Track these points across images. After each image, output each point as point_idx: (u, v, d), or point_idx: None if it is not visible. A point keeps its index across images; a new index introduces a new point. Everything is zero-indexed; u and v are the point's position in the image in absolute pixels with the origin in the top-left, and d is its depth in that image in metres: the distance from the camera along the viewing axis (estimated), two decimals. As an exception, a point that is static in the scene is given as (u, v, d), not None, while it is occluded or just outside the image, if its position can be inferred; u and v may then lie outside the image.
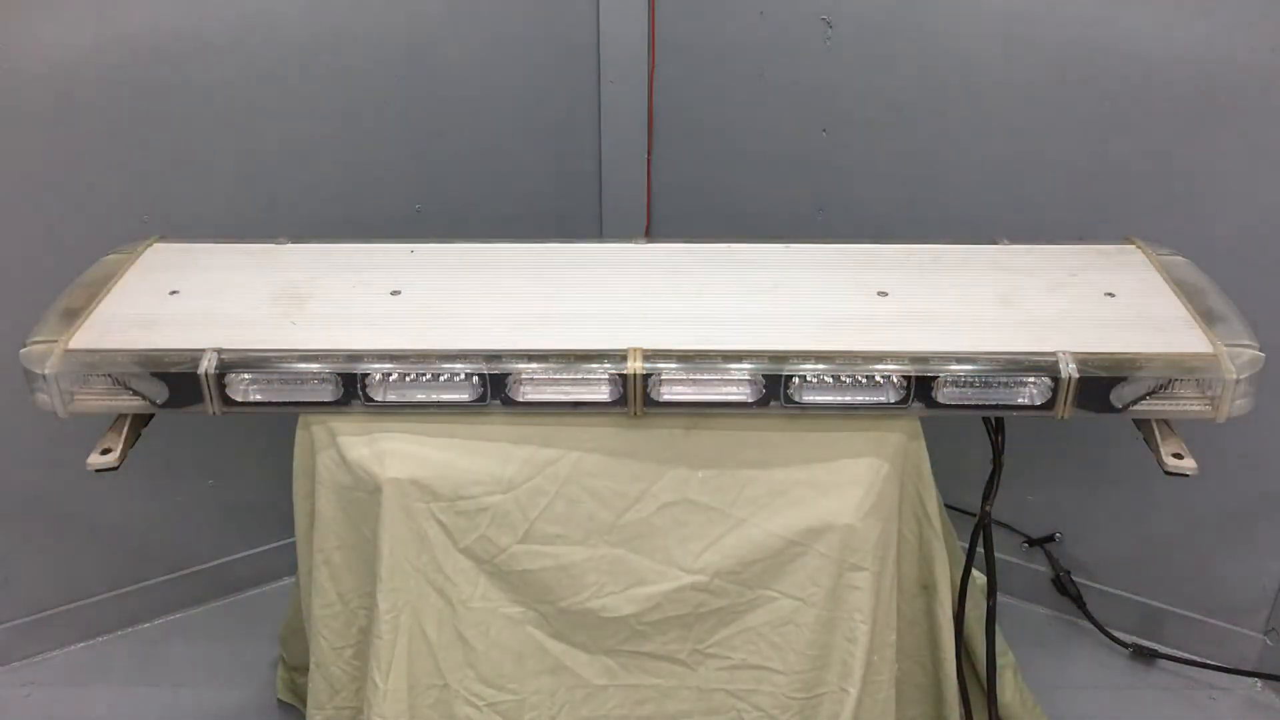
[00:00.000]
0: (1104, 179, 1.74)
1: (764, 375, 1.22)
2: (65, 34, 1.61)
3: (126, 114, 1.70)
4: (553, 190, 2.17)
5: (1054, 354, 1.22)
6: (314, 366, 1.24)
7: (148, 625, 2.05)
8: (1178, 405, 1.24)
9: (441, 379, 1.25)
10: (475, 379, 1.24)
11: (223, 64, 1.74)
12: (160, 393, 1.24)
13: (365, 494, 1.28)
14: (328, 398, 1.25)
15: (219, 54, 1.73)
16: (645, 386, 1.22)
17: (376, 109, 1.90)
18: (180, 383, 1.23)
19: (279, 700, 1.85)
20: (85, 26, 1.62)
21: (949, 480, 1.41)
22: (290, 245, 1.48)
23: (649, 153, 2.18)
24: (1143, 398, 1.22)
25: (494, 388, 1.24)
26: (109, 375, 1.24)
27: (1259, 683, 1.92)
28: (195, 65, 1.72)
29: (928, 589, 1.43)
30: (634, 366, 1.22)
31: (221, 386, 1.24)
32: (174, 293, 1.36)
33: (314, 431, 1.31)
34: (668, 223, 2.23)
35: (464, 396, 1.25)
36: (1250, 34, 1.55)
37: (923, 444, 1.33)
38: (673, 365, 1.23)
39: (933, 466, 1.35)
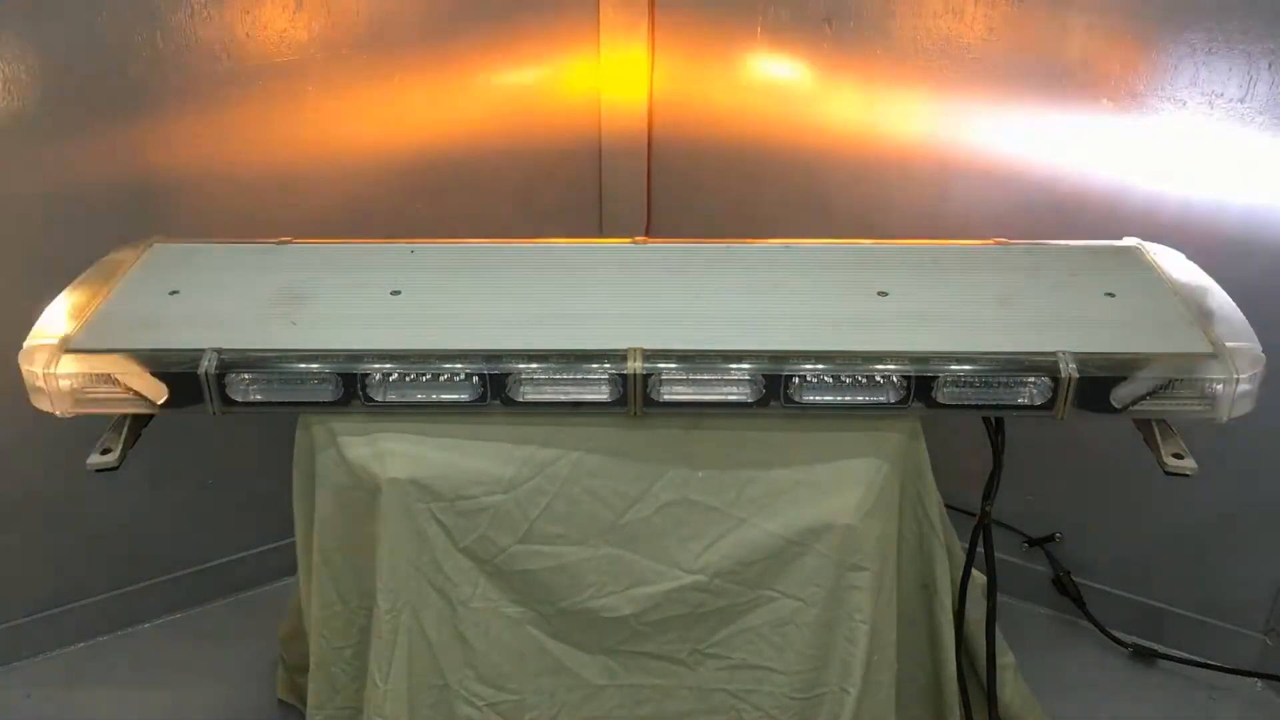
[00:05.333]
0: (1103, 179, 1.74)
1: (764, 375, 1.22)
2: (66, 32, 1.61)
3: (127, 113, 1.70)
4: (553, 189, 2.17)
5: (1054, 354, 1.22)
6: (314, 366, 1.24)
7: (148, 625, 2.05)
8: (1178, 405, 1.23)
9: (441, 379, 1.25)
10: (475, 379, 1.24)
11: (223, 63, 1.74)
12: (160, 393, 1.24)
13: (365, 494, 1.28)
14: (328, 398, 1.25)
15: (219, 53, 1.73)
16: (645, 386, 1.22)
17: (376, 108, 1.90)
18: (180, 383, 1.23)
19: (279, 700, 1.85)
20: (87, 25, 1.62)
21: (949, 480, 1.41)
22: (290, 245, 1.48)
23: (649, 152, 2.17)
24: (1143, 398, 1.22)
25: (494, 388, 1.24)
26: (109, 375, 1.24)
27: (1259, 683, 1.92)
28: (196, 64, 1.72)
29: (928, 589, 1.43)
30: (634, 366, 1.22)
31: (221, 386, 1.24)
32: (174, 293, 1.36)
33: (314, 431, 1.31)
34: (668, 223, 2.22)
35: (464, 396, 1.25)
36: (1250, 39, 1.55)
37: (923, 444, 1.33)
38: (673, 365, 1.22)
39: (933, 466, 1.35)
